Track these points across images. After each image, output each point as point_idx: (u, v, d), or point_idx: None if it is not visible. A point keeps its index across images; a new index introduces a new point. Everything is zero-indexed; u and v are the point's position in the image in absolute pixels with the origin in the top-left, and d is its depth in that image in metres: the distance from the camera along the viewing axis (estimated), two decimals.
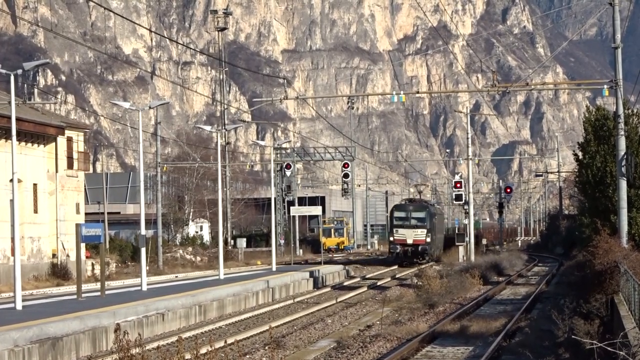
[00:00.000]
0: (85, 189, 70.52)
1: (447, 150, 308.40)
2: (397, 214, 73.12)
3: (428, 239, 71.07)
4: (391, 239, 72.62)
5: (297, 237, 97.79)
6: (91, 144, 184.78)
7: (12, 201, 35.77)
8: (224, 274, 50.50)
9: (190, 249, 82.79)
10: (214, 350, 15.67)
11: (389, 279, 58.44)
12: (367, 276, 62.01)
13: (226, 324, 34.29)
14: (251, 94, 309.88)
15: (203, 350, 16.07)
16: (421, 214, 72.28)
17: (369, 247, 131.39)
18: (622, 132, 37.96)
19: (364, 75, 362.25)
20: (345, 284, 55.13)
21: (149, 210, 76.96)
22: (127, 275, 61.50)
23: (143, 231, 41.91)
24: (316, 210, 78.08)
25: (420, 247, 70.93)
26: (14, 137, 31.61)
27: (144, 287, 40.50)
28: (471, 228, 73.68)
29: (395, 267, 70.51)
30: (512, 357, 25.32)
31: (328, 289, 51.30)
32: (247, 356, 26.12)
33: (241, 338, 29.56)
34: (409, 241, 70.70)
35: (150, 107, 46.55)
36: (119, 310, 30.20)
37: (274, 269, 58.83)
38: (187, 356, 16.29)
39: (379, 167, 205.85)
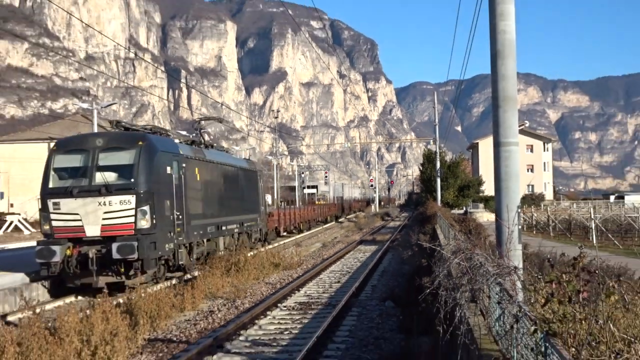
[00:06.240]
0: None
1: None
2: (60, 161, 24.24)
3: (144, 223, 23.31)
4: (46, 227, 23.58)
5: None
6: None
7: None
8: None
9: None
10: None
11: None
12: None
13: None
14: None
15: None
16: (125, 157, 23.87)
17: None
18: (438, 158, 69.24)
19: None
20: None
21: None
22: None
23: None
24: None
25: (119, 247, 22.64)
26: None
27: None
28: (377, 198, 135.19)
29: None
30: (394, 249, 39.74)
31: (320, 227, 69.18)
32: (286, 250, 39.01)
33: (280, 242, 43.44)
34: (91, 232, 23.31)
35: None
36: None
37: None
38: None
39: None
